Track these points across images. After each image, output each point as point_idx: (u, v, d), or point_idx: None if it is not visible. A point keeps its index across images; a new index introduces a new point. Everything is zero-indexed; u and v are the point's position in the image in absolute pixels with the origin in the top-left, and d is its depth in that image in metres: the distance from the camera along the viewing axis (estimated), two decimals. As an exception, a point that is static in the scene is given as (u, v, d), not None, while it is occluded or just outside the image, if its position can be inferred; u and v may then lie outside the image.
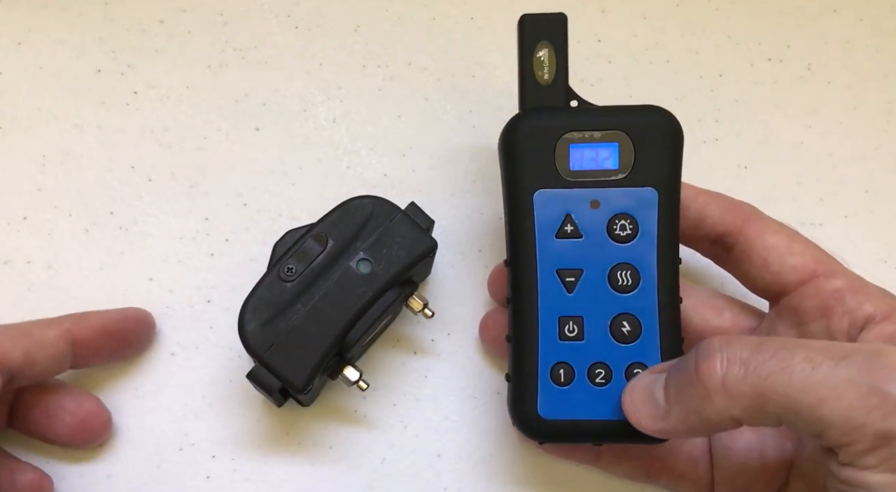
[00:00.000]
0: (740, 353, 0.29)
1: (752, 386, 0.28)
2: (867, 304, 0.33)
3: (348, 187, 0.43)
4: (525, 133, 0.35)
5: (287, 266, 0.36)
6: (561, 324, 0.34)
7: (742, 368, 0.28)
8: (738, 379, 0.28)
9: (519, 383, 0.35)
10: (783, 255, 0.35)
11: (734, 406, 0.29)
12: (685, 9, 0.46)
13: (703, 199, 0.36)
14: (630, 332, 0.34)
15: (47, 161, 0.43)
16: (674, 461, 0.37)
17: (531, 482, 0.41)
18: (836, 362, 0.27)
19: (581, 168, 0.35)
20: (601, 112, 0.36)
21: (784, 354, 0.28)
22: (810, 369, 0.27)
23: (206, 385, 0.41)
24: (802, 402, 0.27)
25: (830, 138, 0.45)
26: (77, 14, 0.45)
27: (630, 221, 0.34)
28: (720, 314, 0.38)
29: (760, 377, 0.28)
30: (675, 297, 0.35)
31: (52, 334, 0.37)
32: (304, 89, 0.44)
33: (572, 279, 0.35)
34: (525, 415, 0.35)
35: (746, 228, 0.36)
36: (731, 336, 0.30)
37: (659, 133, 0.35)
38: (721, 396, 0.29)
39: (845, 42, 0.46)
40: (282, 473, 0.40)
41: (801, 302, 0.35)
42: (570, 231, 0.35)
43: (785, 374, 0.28)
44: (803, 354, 0.28)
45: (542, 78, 0.36)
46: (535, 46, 0.36)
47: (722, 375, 0.29)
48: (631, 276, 0.34)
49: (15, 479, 0.38)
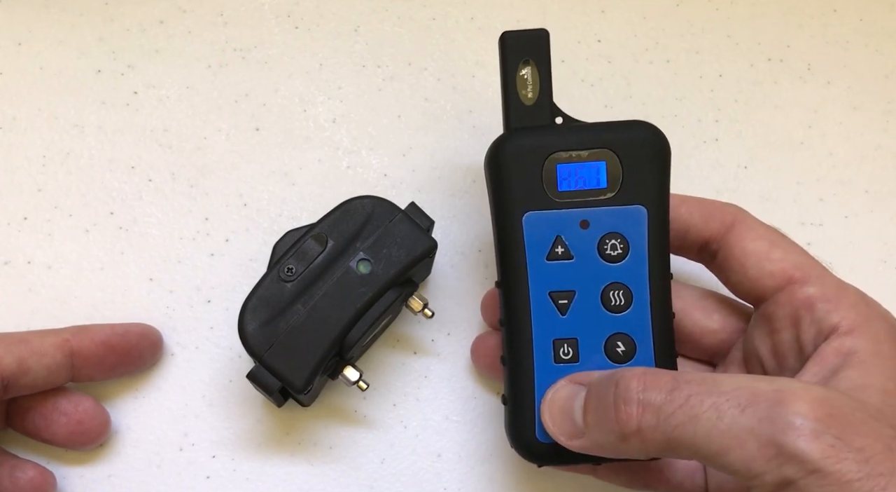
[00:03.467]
0: (655, 398, 0.29)
1: (663, 433, 0.29)
2: (835, 314, 0.33)
3: (348, 187, 0.43)
4: (512, 154, 0.35)
5: (287, 266, 0.36)
6: (556, 347, 0.34)
7: (654, 417, 0.29)
8: (651, 427, 0.29)
9: (515, 406, 0.35)
10: (762, 260, 0.35)
11: (647, 449, 0.30)
12: (685, 9, 0.46)
13: (686, 208, 0.36)
14: (625, 352, 0.34)
15: (47, 161, 0.43)
16: (671, 473, 0.37)
17: (531, 482, 0.41)
18: (741, 410, 0.28)
19: (569, 188, 0.34)
20: (587, 129, 0.35)
21: (693, 402, 0.29)
22: (715, 419, 0.28)
23: (206, 385, 0.41)
24: (708, 450, 0.28)
25: (830, 138, 0.45)
26: (77, 14, 0.45)
27: (620, 240, 0.34)
28: (710, 316, 0.37)
29: (670, 426, 0.29)
30: (668, 313, 0.35)
31: (50, 344, 0.37)
32: (304, 89, 0.44)
33: (565, 301, 0.34)
34: (522, 438, 0.35)
35: (728, 234, 0.35)
36: (648, 375, 0.30)
37: (645, 150, 0.34)
38: (636, 439, 0.30)
39: (845, 42, 0.46)
40: (282, 473, 0.40)
41: (774, 310, 0.34)
42: (561, 253, 0.34)
43: (692, 424, 0.28)
44: (711, 400, 0.28)
45: (527, 96, 0.35)
46: (518, 65, 0.35)
47: (637, 422, 0.29)
48: (623, 295, 0.34)
49: (17, 476, 0.37)
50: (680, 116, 0.35)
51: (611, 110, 0.44)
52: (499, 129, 0.36)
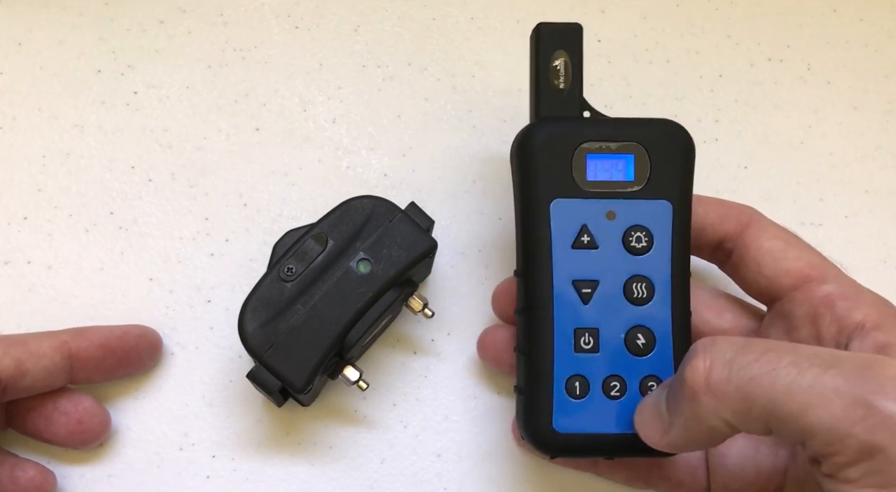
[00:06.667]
0: (725, 354, 0.28)
1: (737, 387, 0.27)
2: (856, 311, 0.32)
3: (348, 187, 0.43)
4: (542, 141, 0.35)
5: (287, 266, 0.36)
6: (577, 336, 0.34)
7: (726, 368, 0.28)
8: (723, 380, 0.28)
9: (532, 396, 0.34)
10: (777, 259, 0.35)
11: (722, 407, 0.28)
12: (685, 9, 0.46)
13: (703, 208, 0.36)
14: (645, 345, 0.34)
15: (47, 161, 0.43)
16: (673, 470, 0.37)
17: (531, 482, 0.41)
18: (823, 370, 0.27)
19: (597, 179, 0.35)
20: (617, 123, 0.36)
21: (770, 357, 0.27)
22: (796, 374, 0.27)
23: (206, 385, 0.41)
24: (787, 407, 0.27)
25: (830, 138, 0.45)
26: (77, 14, 0.45)
27: (645, 233, 0.34)
28: (721, 315, 0.37)
29: (744, 379, 0.27)
30: (688, 310, 0.35)
31: (48, 346, 0.37)
32: (304, 89, 0.44)
33: (588, 290, 0.34)
34: (539, 429, 0.34)
35: (744, 233, 0.36)
36: (717, 337, 0.30)
37: (674, 146, 0.35)
38: (707, 396, 0.28)
39: (845, 42, 0.46)
40: (282, 473, 0.40)
41: (792, 307, 0.34)
42: (587, 242, 0.34)
43: (770, 377, 0.27)
44: (790, 358, 0.27)
45: (558, 87, 0.36)
46: (552, 55, 0.36)
47: (705, 375, 0.28)
48: (646, 288, 0.34)
49: (17, 476, 0.37)
50: (680, 116, 0.35)
51: (611, 110, 0.44)
52: (499, 128, 0.36)
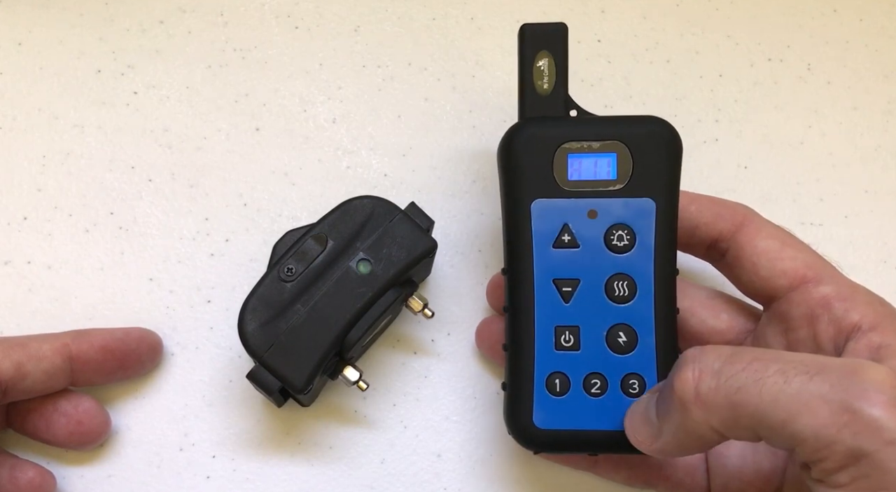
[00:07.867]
0: (713, 364, 0.28)
1: (725, 397, 0.28)
2: (854, 312, 0.32)
3: (348, 187, 0.43)
4: (524, 142, 0.35)
5: (287, 266, 0.36)
6: (557, 334, 0.34)
7: (714, 379, 0.28)
8: (711, 390, 0.28)
9: (514, 392, 0.35)
10: (773, 259, 0.35)
11: (711, 417, 0.28)
12: (685, 9, 0.46)
13: (696, 207, 0.36)
14: (626, 343, 0.34)
15: (47, 161, 0.43)
16: (672, 470, 0.37)
17: (531, 483, 0.41)
18: (809, 377, 0.27)
19: (579, 178, 0.35)
20: (600, 122, 0.36)
21: (757, 366, 0.28)
22: (783, 383, 0.27)
23: (206, 385, 0.41)
24: (774, 416, 0.27)
25: (830, 138, 0.45)
26: (77, 14, 0.45)
27: (627, 231, 0.34)
28: (717, 316, 0.37)
29: (732, 389, 0.28)
30: (672, 308, 0.35)
31: (48, 348, 0.37)
32: (304, 89, 0.44)
33: (569, 289, 0.35)
34: (520, 424, 0.35)
35: (739, 233, 0.36)
36: (706, 346, 0.30)
37: (657, 144, 0.35)
38: (697, 407, 0.28)
39: (845, 42, 0.46)
40: (282, 473, 0.40)
41: (789, 308, 0.34)
42: (568, 241, 0.35)
43: (757, 386, 0.27)
44: (777, 366, 0.27)
45: (542, 87, 0.36)
46: (535, 56, 0.36)
47: (694, 386, 0.28)
48: (628, 286, 0.34)
49: (16, 476, 0.37)
50: (680, 116, 0.35)
51: (611, 110, 0.44)
52: (498, 128, 0.36)
